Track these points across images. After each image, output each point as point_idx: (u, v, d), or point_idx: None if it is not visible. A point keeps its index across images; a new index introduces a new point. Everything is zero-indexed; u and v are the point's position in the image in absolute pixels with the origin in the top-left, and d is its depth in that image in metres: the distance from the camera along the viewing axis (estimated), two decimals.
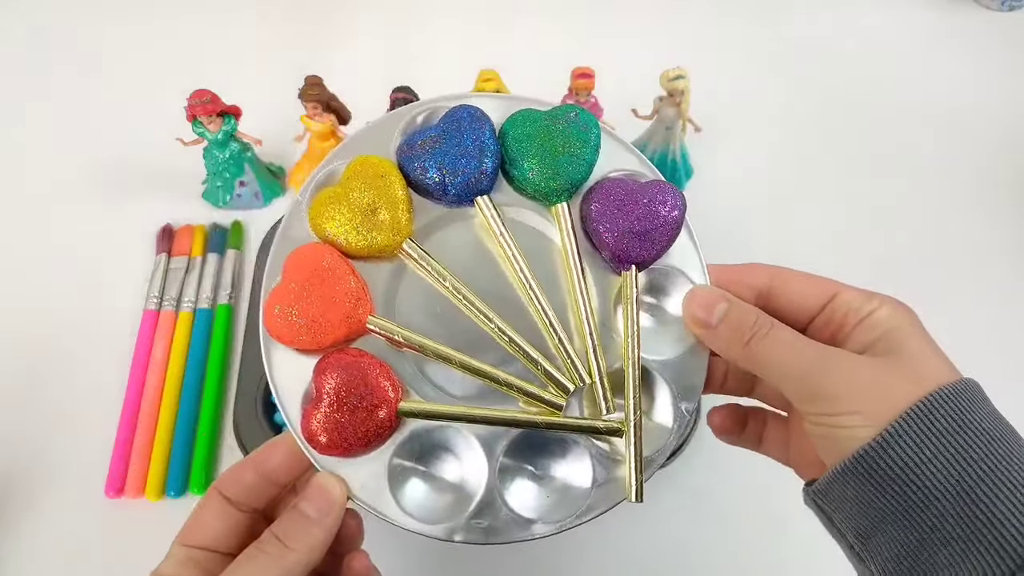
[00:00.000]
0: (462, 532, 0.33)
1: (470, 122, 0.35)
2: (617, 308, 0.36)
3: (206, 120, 0.58)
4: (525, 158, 0.35)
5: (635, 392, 0.34)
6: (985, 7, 0.81)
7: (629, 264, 0.35)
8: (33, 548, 0.50)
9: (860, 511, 0.29)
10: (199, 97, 0.57)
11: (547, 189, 0.35)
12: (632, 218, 0.35)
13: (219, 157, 0.61)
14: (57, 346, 0.58)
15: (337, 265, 0.34)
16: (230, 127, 0.59)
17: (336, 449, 0.32)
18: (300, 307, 0.33)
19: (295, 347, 0.33)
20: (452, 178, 0.35)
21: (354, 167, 0.35)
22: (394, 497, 0.33)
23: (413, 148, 0.35)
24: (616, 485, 0.34)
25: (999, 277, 0.62)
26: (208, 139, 0.60)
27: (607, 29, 0.79)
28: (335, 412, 0.32)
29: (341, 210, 0.34)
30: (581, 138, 0.35)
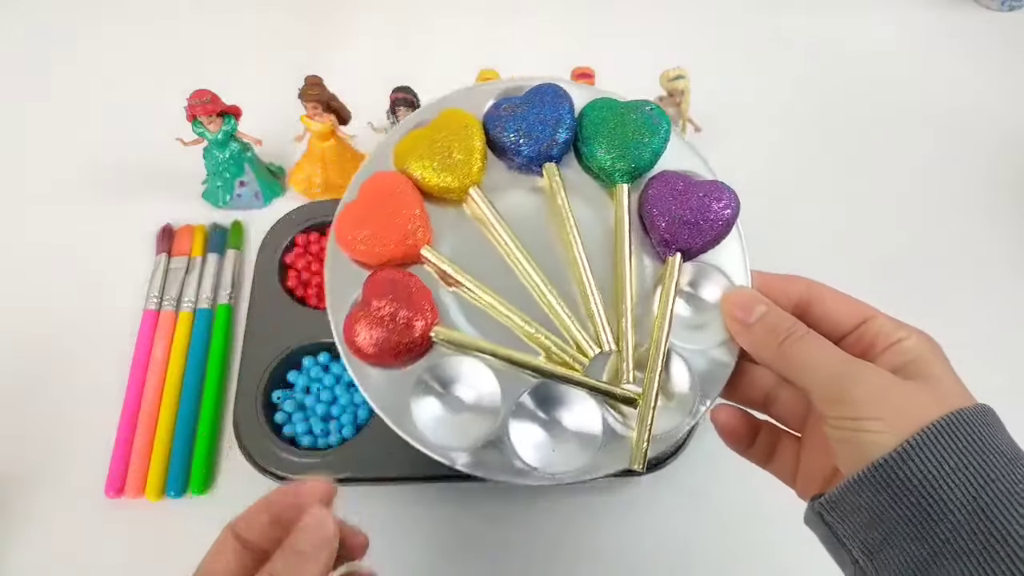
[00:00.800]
0: (466, 463, 0.35)
1: (552, 97, 0.39)
2: (656, 290, 0.37)
3: (206, 120, 0.58)
4: (598, 138, 0.38)
5: (657, 368, 0.35)
6: (985, 7, 0.81)
7: (675, 251, 0.37)
8: (33, 548, 0.50)
9: (871, 522, 0.29)
10: (199, 97, 0.57)
11: (612, 169, 0.38)
12: (686, 208, 0.37)
13: (219, 157, 0.61)
14: (57, 346, 0.58)
15: (408, 193, 0.37)
16: (230, 127, 0.59)
17: (370, 354, 0.35)
18: (367, 221, 0.36)
19: (354, 256, 0.37)
20: (527, 141, 0.38)
21: (443, 117, 0.39)
22: (412, 413, 0.35)
23: (498, 110, 0.39)
24: (622, 455, 0.35)
25: (999, 277, 0.62)
26: (208, 139, 0.60)
27: (607, 29, 0.79)
28: (376, 319, 0.35)
29: (423, 149, 0.37)
30: (651, 129, 0.38)
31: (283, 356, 0.55)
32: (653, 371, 0.35)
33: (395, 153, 0.38)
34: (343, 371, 0.55)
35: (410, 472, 0.51)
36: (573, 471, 0.35)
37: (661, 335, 0.36)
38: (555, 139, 0.38)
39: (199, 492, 0.52)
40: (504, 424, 0.35)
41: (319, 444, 0.53)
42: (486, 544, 0.51)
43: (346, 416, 0.53)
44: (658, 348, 0.35)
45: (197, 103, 0.57)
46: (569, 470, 0.35)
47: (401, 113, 0.58)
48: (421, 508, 0.52)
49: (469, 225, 0.39)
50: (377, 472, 0.51)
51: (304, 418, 0.53)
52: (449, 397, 0.36)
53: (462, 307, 0.37)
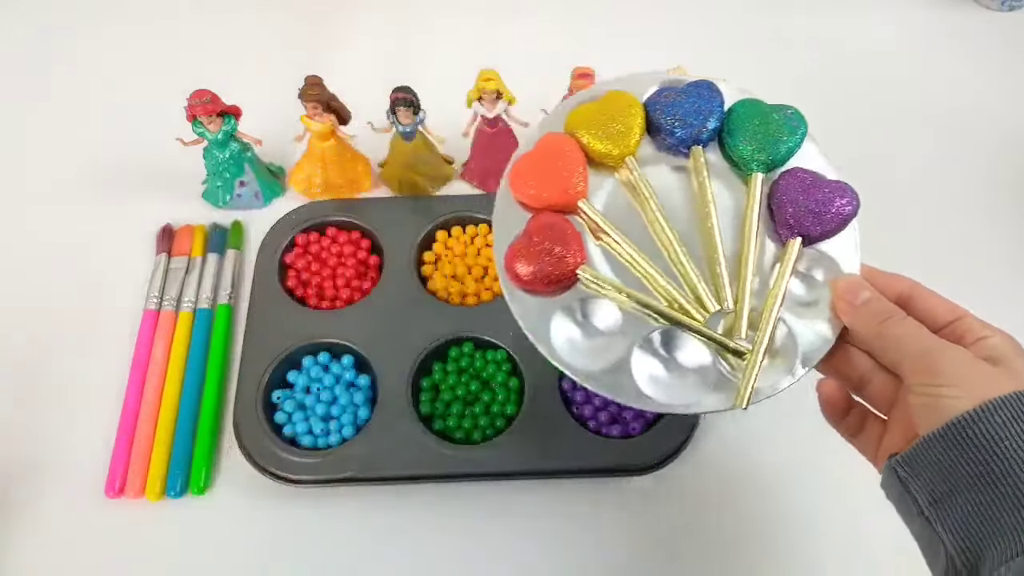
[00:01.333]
0: (592, 382, 0.40)
1: (708, 90, 0.45)
2: (774, 268, 0.42)
3: (206, 120, 0.58)
4: (743, 131, 0.44)
5: (768, 329, 0.40)
6: (985, 7, 0.81)
7: (797, 235, 0.42)
8: (34, 548, 0.50)
9: (940, 475, 0.33)
10: (199, 97, 0.57)
11: (751, 159, 0.43)
12: (812, 199, 0.42)
13: (219, 157, 0.61)
14: (57, 346, 0.58)
15: (575, 153, 0.43)
16: (230, 127, 0.59)
17: (525, 280, 0.41)
18: (538, 171, 0.43)
19: (521, 198, 0.43)
20: (681, 125, 0.44)
21: (611, 95, 0.45)
22: (552, 336, 0.41)
23: (660, 96, 0.45)
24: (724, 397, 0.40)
25: (999, 277, 0.62)
26: (208, 139, 0.60)
27: (607, 29, 0.79)
28: (534, 251, 0.41)
29: (591, 119, 0.44)
30: (791, 129, 0.44)
31: (283, 356, 0.55)
32: (764, 332, 0.40)
33: (567, 120, 0.45)
34: (343, 371, 0.55)
35: (410, 472, 0.51)
36: (680, 404, 0.40)
37: (775, 303, 0.41)
38: (705, 126, 0.44)
39: (199, 492, 0.52)
40: (627, 357, 0.40)
41: (319, 444, 0.53)
42: (486, 543, 0.51)
43: (346, 416, 0.53)
44: (771, 313, 0.41)
45: (197, 103, 0.57)
46: (677, 403, 0.40)
47: (401, 113, 0.58)
48: (421, 507, 0.52)
49: (619, 189, 0.45)
50: (377, 472, 0.51)
51: (304, 418, 0.53)
52: (586, 325, 0.42)
53: (604, 256, 0.43)
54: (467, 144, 0.63)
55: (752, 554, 0.51)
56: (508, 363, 0.55)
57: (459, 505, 0.52)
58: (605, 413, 0.53)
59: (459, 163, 0.67)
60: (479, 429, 0.53)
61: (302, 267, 0.60)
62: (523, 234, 0.42)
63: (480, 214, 0.62)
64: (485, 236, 0.62)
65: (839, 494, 0.53)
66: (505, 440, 0.52)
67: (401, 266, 0.59)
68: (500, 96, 0.58)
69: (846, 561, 0.51)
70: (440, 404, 0.54)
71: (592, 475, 0.52)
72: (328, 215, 0.62)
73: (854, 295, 0.40)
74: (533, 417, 0.52)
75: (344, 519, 0.52)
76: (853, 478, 0.54)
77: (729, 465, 0.54)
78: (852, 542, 0.51)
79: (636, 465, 0.52)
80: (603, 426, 0.53)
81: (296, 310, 0.58)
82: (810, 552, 0.52)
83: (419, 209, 0.63)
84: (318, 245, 0.61)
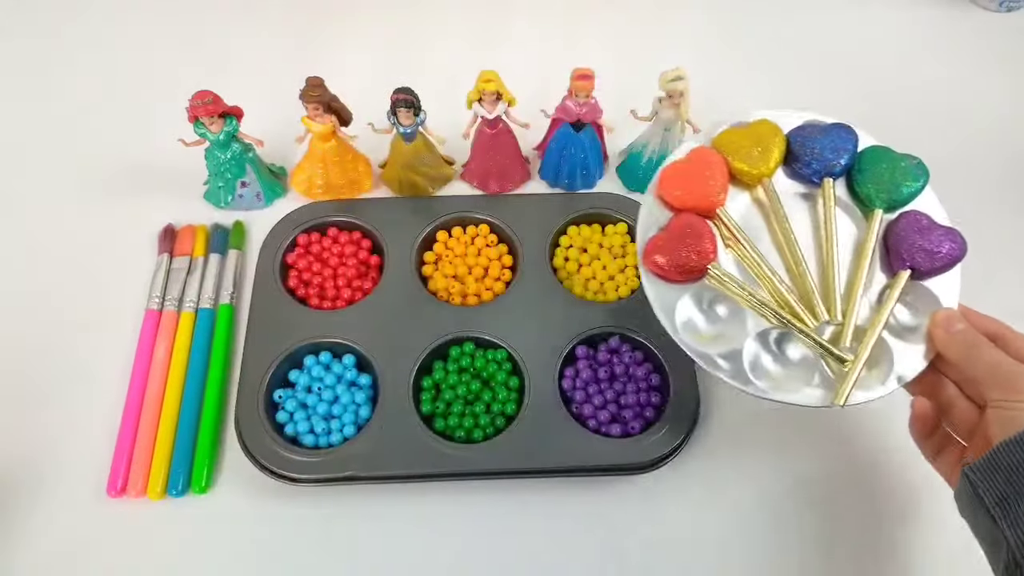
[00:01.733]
0: (705, 361, 0.47)
1: (845, 132, 0.51)
2: (882, 293, 0.49)
3: (208, 121, 0.58)
4: (871, 171, 0.50)
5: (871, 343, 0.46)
6: (983, 8, 0.81)
7: (907, 267, 0.48)
8: (35, 548, 0.51)
9: (1008, 478, 0.38)
10: (201, 98, 0.57)
11: (875, 197, 0.50)
12: (925, 239, 0.48)
13: (221, 158, 0.61)
14: (59, 346, 0.58)
15: (720, 166, 0.50)
16: (231, 128, 0.59)
17: (662, 267, 0.48)
18: (685, 176, 0.50)
19: (668, 199, 0.50)
20: (818, 157, 0.51)
21: (757, 123, 0.52)
22: (676, 315, 0.48)
23: (803, 130, 0.52)
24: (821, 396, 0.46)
25: (999, 277, 0.62)
26: (210, 140, 0.60)
27: (607, 30, 0.79)
28: (673, 242, 0.48)
29: (737, 141, 0.51)
30: (914, 176, 0.50)
31: (285, 355, 0.55)
32: (867, 344, 0.46)
33: (716, 138, 0.52)
34: (344, 370, 0.55)
35: (411, 471, 0.52)
36: (782, 394, 0.46)
37: (881, 322, 0.47)
38: (839, 162, 0.50)
39: (201, 491, 0.52)
40: (740, 347, 0.47)
41: (320, 443, 0.53)
42: (487, 541, 0.51)
43: (347, 415, 0.54)
44: (876, 330, 0.47)
45: (199, 104, 0.57)
46: (779, 392, 0.46)
47: (401, 114, 0.58)
48: (422, 506, 0.52)
49: (752, 205, 0.52)
50: (378, 471, 0.52)
51: (306, 417, 0.54)
52: (709, 313, 0.49)
53: (732, 261, 0.50)
54: (467, 145, 0.64)
55: (752, 553, 0.51)
56: (509, 363, 0.56)
57: (460, 504, 0.53)
58: (605, 412, 0.53)
59: (459, 164, 0.67)
60: (480, 428, 0.53)
61: (303, 267, 0.60)
62: (665, 229, 0.49)
63: (480, 214, 0.62)
64: (485, 236, 0.62)
65: (840, 493, 0.54)
66: (506, 439, 0.52)
67: (402, 266, 0.60)
68: (500, 97, 0.58)
69: (846, 560, 0.51)
70: (441, 403, 0.54)
71: (592, 474, 0.52)
72: (329, 215, 0.62)
73: (950, 324, 0.46)
74: (533, 416, 0.53)
75: (345, 518, 0.52)
76: (854, 477, 0.55)
77: (729, 464, 0.54)
78: (852, 541, 0.52)
79: (636, 464, 0.52)
80: (603, 425, 0.53)
81: (297, 310, 0.58)
82: (810, 550, 0.52)
83: (420, 209, 0.63)
84: (319, 245, 0.61)
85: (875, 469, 0.54)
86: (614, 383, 0.55)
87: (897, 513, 0.53)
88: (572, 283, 0.60)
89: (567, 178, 0.65)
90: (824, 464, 0.55)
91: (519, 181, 0.66)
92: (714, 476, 0.54)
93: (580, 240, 0.62)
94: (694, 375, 0.54)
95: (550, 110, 0.62)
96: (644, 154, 0.64)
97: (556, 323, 0.57)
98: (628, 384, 0.55)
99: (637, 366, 0.55)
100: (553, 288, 0.59)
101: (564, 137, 0.62)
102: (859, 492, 0.54)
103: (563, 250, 0.61)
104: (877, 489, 0.54)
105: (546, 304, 0.58)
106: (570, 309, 0.58)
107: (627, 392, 0.54)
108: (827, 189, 0.50)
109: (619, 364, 0.55)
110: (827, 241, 0.49)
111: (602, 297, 0.59)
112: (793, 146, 0.51)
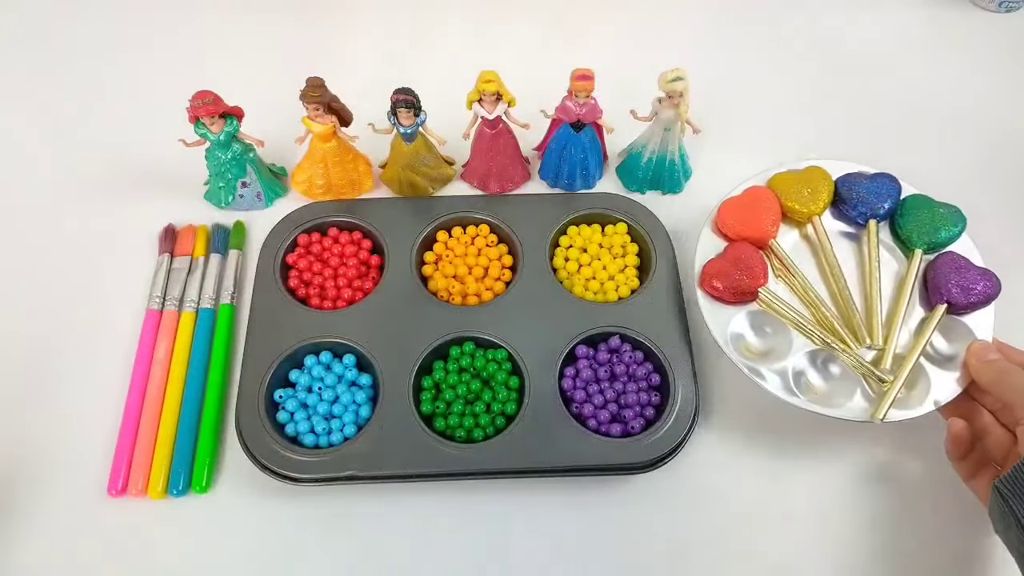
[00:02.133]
0: (754, 375, 0.51)
1: (890, 180, 0.58)
2: (920, 325, 0.54)
3: (208, 121, 0.58)
4: (913, 216, 0.56)
5: (909, 366, 0.51)
6: (982, 8, 0.81)
7: (945, 302, 0.53)
8: (36, 547, 0.51)
9: None
10: (201, 98, 0.57)
11: (917, 239, 0.56)
12: (962, 278, 0.53)
13: (221, 158, 0.61)
14: (60, 345, 0.58)
15: (775, 203, 0.58)
16: (232, 128, 0.60)
17: (718, 290, 0.53)
18: (742, 210, 0.57)
19: (724, 230, 0.57)
20: (863, 201, 0.57)
21: (809, 169, 0.59)
22: (727, 331, 0.53)
23: (851, 177, 0.59)
24: (859, 412, 0.50)
25: (1000, 275, 0.62)
26: (210, 140, 0.60)
27: (607, 30, 0.79)
28: (727, 266, 0.54)
29: (790, 182, 0.58)
30: (952, 222, 0.56)
31: (285, 355, 0.55)
32: (906, 367, 0.51)
33: (771, 180, 0.59)
34: (345, 370, 0.55)
35: (411, 470, 0.52)
36: (824, 408, 0.50)
37: (918, 348, 0.52)
38: (883, 206, 0.57)
39: (202, 491, 0.52)
40: (787, 363, 0.52)
41: (321, 443, 0.53)
42: (487, 541, 0.52)
43: (348, 415, 0.54)
44: (915, 354, 0.51)
45: (199, 104, 0.57)
46: (822, 406, 0.50)
47: (402, 114, 0.58)
48: (422, 506, 0.53)
49: (800, 241, 0.59)
50: (379, 470, 0.52)
51: (306, 417, 0.54)
52: (759, 332, 0.54)
53: (780, 289, 0.55)
54: (467, 145, 0.64)
55: (753, 552, 0.52)
56: (509, 362, 0.56)
57: (460, 503, 0.53)
58: (605, 412, 0.54)
59: (459, 164, 0.67)
60: (480, 428, 0.53)
61: (304, 267, 0.60)
62: (722, 256, 0.56)
63: (480, 214, 0.62)
64: (485, 236, 0.62)
65: (840, 493, 0.54)
66: (506, 439, 0.52)
67: (402, 266, 0.60)
68: (500, 97, 0.58)
69: (847, 559, 0.51)
70: (441, 403, 0.54)
71: (593, 473, 0.52)
72: (329, 215, 0.63)
73: (984, 354, 0.50)
74: (534, 416, 0.53)
75: (345, 518, 0.52)
76: (853, 477, 0.55)
77: (729, 464, 0.54)
78: (852, 540, 0.52)
79: (637, 463, 0.52)
80: (603, 425, 0.53)
81: (298, 310, 0.58)
82: (809, 549, 0.52)
83: (420, 210, 0.63)
84: (320, 245, 0.62)
85: (873, 472, 0.54)
86: (614, 383, 0.55)
87: (898, 518, 0.53)
88: (572, 283, 0.60)
89: (567, 178, 0.65)
90: (824, 464, 0.55)
91: (519, 181, 0.66)
92: (714, 476, 0.54)
93: (580, 240, 0.62)
94: (694, 375, 0.54)
95: (550, 110, 0.62)
96: (644, 154, 0.64)
97: (556, 323, 0.57)
98: (628, 384, 0.55)
99: (637, 366, 0.55)
100: (553, 288, 0.59)
101: (564, 137, 0.62)
102: (860, 491, 0.54)
103: (563, 250, 0.62)
104: (878, 489, 0.54)
105: (546, 304, 0.58)
106: (570, 309, 0.58)
107: (627, 392, 0.54)
108: (871, 230, 0.57)
109: (619, 364, 0.55)
110: (870, 275, 0.55)
111: (602, 297, 0.59)
112: (841, 190, 0.58)
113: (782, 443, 0.55)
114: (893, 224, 0.58)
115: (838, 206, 0.59)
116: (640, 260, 0.62)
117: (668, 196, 0.67)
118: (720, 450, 0.55)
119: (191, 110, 0.58)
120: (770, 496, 0.53)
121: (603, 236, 0.62)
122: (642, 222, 0.62)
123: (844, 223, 0.59)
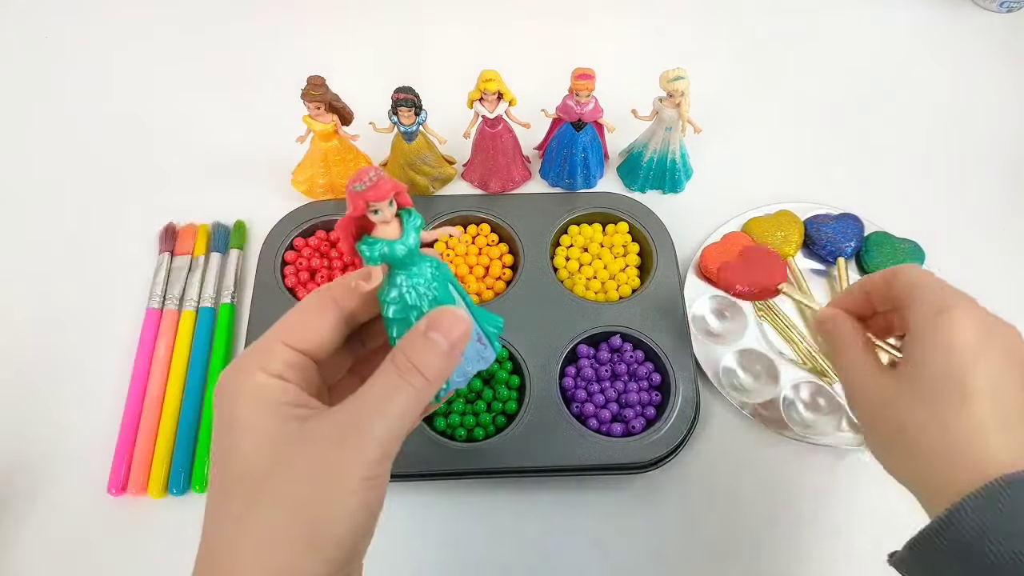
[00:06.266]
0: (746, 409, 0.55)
1: (854, 221, 0.62)
2: None
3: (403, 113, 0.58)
4: (876, 251, 0.61)
5: None
6: (983, 8, 0.81)
7: None
8: (36, 546, 0.51)
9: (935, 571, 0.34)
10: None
11: None
12: None
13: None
14: (60, 344, 0.58)
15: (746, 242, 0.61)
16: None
17: (733, 287, 0.55)
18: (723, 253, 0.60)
19: (706, 273, 0.60)
20: (830, 241, 0.62)
21: (781, 213, 0.63)
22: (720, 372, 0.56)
23: (818, 219, 0.63)
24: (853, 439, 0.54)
25: (998, 278, 0.62)
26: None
27: (607, 30, 0.79)
28: (746, 265, 0.56)
29: (763, 225, 0.63)
30: (912, 257, 0.61)
31: None
32: None
33: (745, 225, 0.63)
34: None
35: (412, 469, 0.52)
36: (814, 435, 0.54)
37: None
38: (849, 244, 0.61)
39: (202, 490, 0.52)
40: (778, 396, 0.55)
41: None
42: (487, 540, 0.51)
43: None
44: None
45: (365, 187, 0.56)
46: (812, 434, 0.54)
47: (403, 113, 0.58)
48: (422, 506, 0.52)
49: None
50: None
51: None
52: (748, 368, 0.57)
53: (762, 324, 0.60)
54: (468, 145, 0.64)
55: (754, 550, 0.51)
56: (510, 361, 0.56)
57: (460, 503, 0.53)
58: (606, 411, 0.53)
59: (460, 163, 0.67)
60: (481, 427, 0.53)
61: (304, 266, 0.60)
62: (738, 253, 0.59)
63: (481, 214, 0.62)
64: (486, 236, 0.62)
65: (840, 492, 0.54)
66: (507, 438, 0.52)
67: None
68: (501, 97, 0.58)
69: (846, 559, 0.51)
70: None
71: (594, 472, 0.52)
72: (330, 214, 0.62)
73: (820, 326, 0.43)
74: (535, 415, 0.53)
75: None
76: (852, 476, 0.55)
77: (729, 464, 0.54)
78: (853, 540, 0.52)
79: (637, 463, 0.52)
80: (604, 424, 0.53)
81: None
82: (808, 549, 0.52)
83: (421, 209, 0.62)
84: (320, 245, 0.61)
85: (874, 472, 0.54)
86: (615, 382, 0.55)
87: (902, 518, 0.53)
88: (573, 282, 0.60)
89: (568, 178, 0.65)
90: (825, 463, 0.55)
91: (520, 181, 0.66)
92: (714, 475, 0.54)
93: (581, 240, 0.62)
94: (695, 375, 0.54)
95: (551, 110, 0.62)
96: (645, 154, 0.64)
97: (557, 322, 0.57)
98: (629, 383, 0.55)
99: (638, 365, 0.55)
100: (554, 287, 0.59)
101: (565, 136, 0.62)
102: (861, 490, 0.54)
103: (564, 249, 0.62)
104: (880, 488, 0.54)
105: (547, 303, 0.58)
106: (571, 308, 0.58)
107: (628, 391, 0.54)
108: (840, 267, 0.61)
109: (620, 363, 0.55)
110: None
111: (603, 296, 0.59)
112: (809, 231, 0.63)
113: (783, 443, 0.55)
114: (859, 260, 0.62)
115: (808, 246, 0.63)
116: (641, 259, 0.62)
117: (669, 195, 0.67)
118: (721, 450, 0.55)
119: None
120: (771, 496, 0.53)
121: (604, 235, 0.62)
122: (643, 221, 0.62)
123: (815, 261, 0.63)
